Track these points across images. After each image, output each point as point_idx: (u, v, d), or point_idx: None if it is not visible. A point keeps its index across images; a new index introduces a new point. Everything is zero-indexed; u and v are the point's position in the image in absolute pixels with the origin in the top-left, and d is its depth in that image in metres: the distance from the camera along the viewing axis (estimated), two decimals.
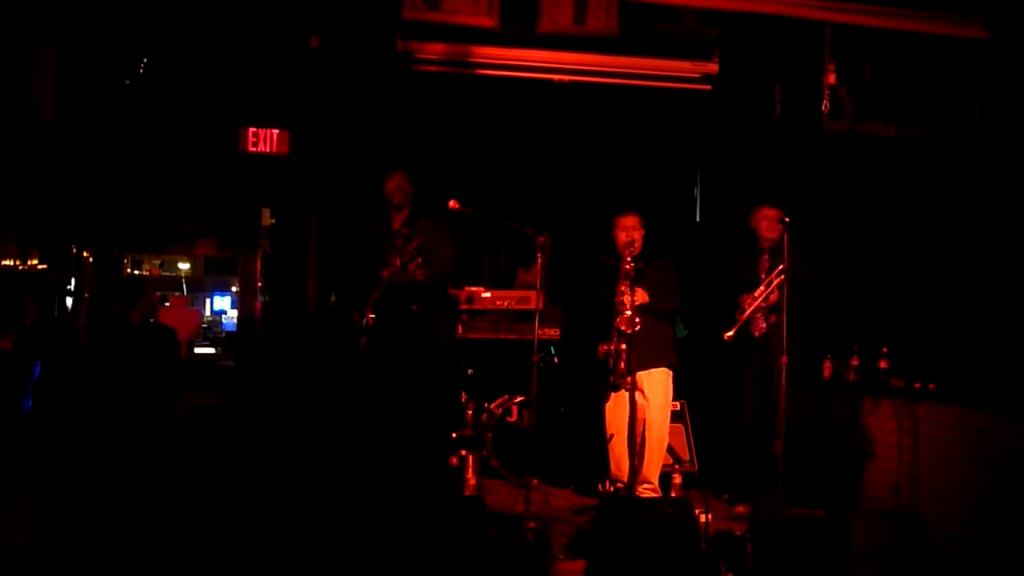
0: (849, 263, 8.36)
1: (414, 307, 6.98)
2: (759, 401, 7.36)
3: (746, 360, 7.41)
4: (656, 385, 7.17)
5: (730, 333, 7.16)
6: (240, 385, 9.89)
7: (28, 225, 9.37)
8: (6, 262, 12.02)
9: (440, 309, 7.32)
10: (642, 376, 7.01)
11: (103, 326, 8.72)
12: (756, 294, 7.22)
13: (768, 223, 7.38)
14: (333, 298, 8.93)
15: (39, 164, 8.47)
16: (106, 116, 8.66)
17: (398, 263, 6.77)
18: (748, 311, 7.23)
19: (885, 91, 8.05)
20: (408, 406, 6.95)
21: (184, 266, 32.97)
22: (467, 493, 7.24)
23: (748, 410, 7.42)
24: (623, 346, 6.72)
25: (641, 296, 6.89)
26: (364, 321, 6.93)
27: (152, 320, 7.66)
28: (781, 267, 7.06)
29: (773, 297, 7.17)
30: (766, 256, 7.39)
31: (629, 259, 6.89)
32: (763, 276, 7.29)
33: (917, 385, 7.45)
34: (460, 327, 8.20)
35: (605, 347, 6.98)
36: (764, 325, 7.30)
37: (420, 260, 6.68)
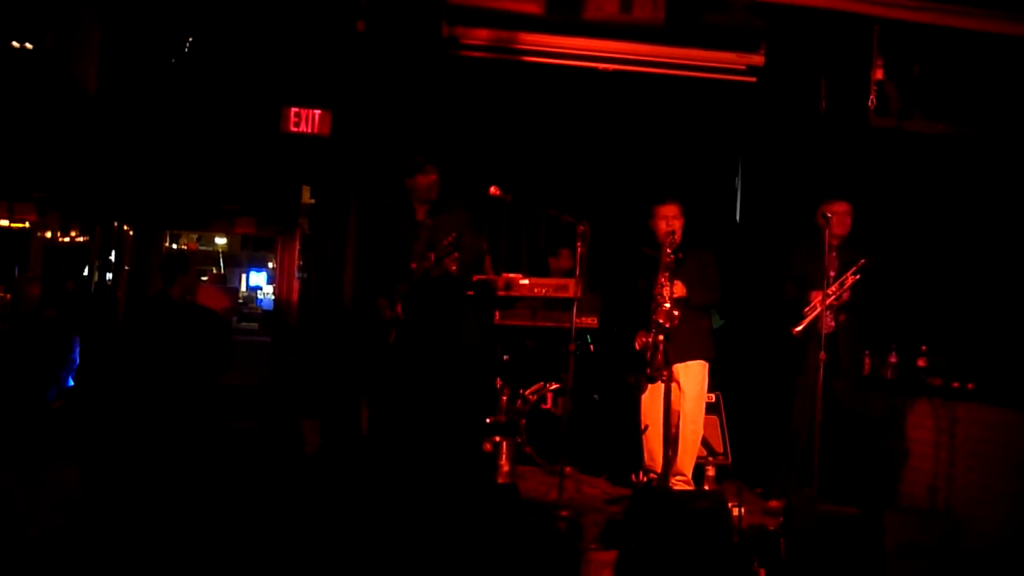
0: (892, 260, 8.29)
1: (440, 301, 6.95)
2: (816, 398, 7.24)
3: (807, 358, 7.28)
4: (692, 377, 7.14)
5: (799, 328, 7.04)
6: (276, 364, 9.95)
7: (71, 200, 9.46)
8: (47, 234, 12.13)
9: (467, 301, 7.31)
10: (678, 368, 6.99)
11: (143, 305, 8.76)
12: (830, 291, 7.07)
13: (839, 218, 7.22)
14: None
15: (82, 141, 8.54)
16: (150, 94, 8.71)
17: (432, 258, 6.71)
18: (819, 308, 7.09)
19: (933, 88, 7.99)
20: (441, 398, 6.95)
21: (221, 241, 33.13)
22: (500, 480, 7.26)
23: (804, 406, 7.29)
24: (660, 338, 6.70)
25: (680, 290, 6.86)
26: (394, 314, 6.93)
27: (189, 297, 7.69)
28: (858, 266, 7.00)
29: (845, 296, 7.08)
30: (835, 253, 7.27)
31: (669, 250, 6.85)
32: (832, 273, 7.14)
33: (956, 384, 7.38)
34: (497, 313, 8.22)
35: (643, 339, 6.96)
36: (833, 324, 7.15)
37: (457, 255, 6.65)
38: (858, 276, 7.00)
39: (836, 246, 7.24)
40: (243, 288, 34.01)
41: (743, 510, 6.15)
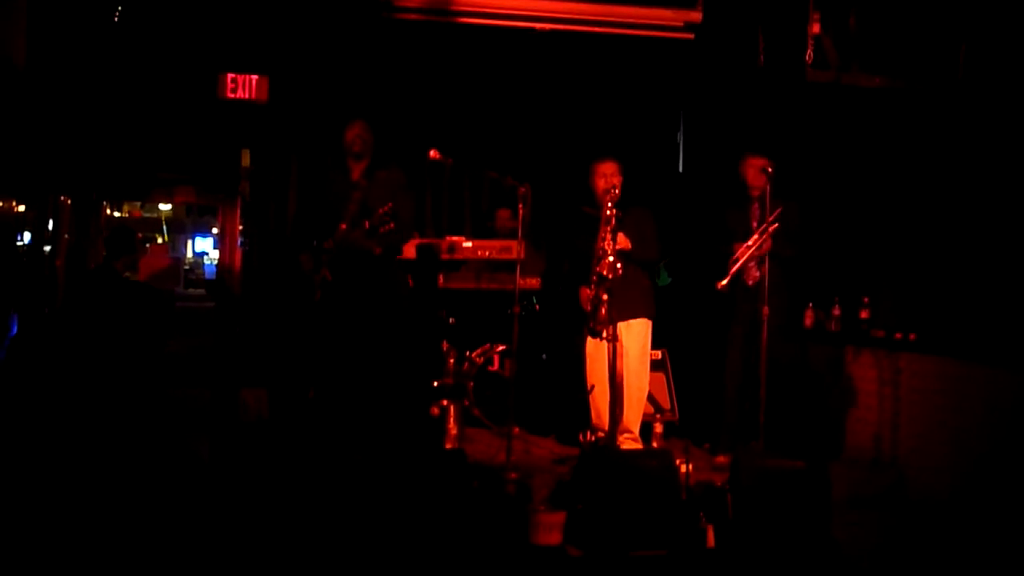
0: (831, 213, 8.34)
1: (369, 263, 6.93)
2: (747, 350, 7.34)
3: (737, 309, 7.37)
4: (635, 335, 7.16)
5: (724, 282, 7.11)
6: (220, 332, 9.85)
7: (5, 173, 9.29)
8: None
9: (398, 265, 7.27)
10: (621, 327, 6.98)
11: (84, 277, 8.65)
12: (750, 243, 7.13)
13: (755, 171, 7.31)
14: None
15: (13, 111, 8.38)
16: (82, 63, 8.55)
17: (367, 225, 6.68)
18: (742, 260, 7.16)
19: (870, 41, 8.00)
20: (371, 359, 6.93)
21: (165, 207, 32.77)
22: (448, 445, 7.27)
23: (734, 359, 7.40)
24: (604, 295, 6.69)
25: (623, 242, 6.86)
26: (320, 274, 6.87)
27: (130, 272, 7.63)
28: (776, 215, 7.04)
29: (767, 246, 7.12)
30: (756, 205, 7.33)
31: (610, 204, 6.85)
32: (755, 225, 7.23)
33: (898, 336, 7.47)
34: (441, 277, 8.20)
35: (587, 292, 6.96)
36: (758, 274, 7.18)
37: (392, 226, 6.62)
38: (777, 224, 7.05)
39: (757, 198, 7.31)
40: (189, 254, 33.74)
41: (691, 467, 6.18)
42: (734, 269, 7.17)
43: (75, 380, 7.04)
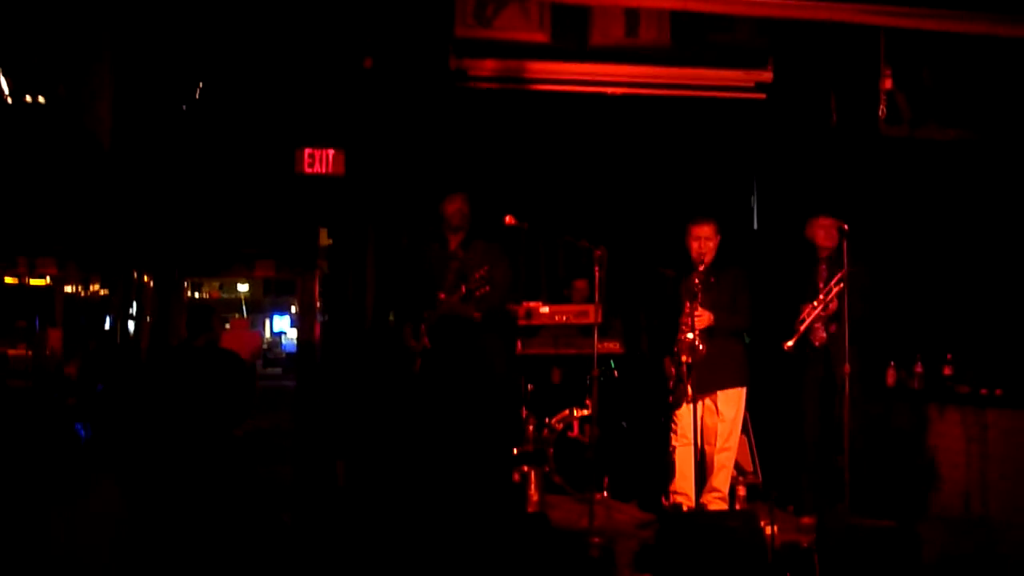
0: (910, 269, 8.26)
1: (468, 331, 6.99)
2: (821, 410, 7.26)
3: (807, 370, 7.32)
4: (731, 404, 7.14)
5: (790, 343, 7.07)
6: (302, 406, 9.93)
7: (89, 252, 9.49)
8: (68, 289, 12.20)
9: (496, 333, 7.32)
10: (718, 395, 7.05)
11: (165, 351, 8.79)
12: (816, 303, 7.12)
13: (824, 232, 7.29)
14: (392, 317, 8.94)
15: (99, 192, 8.59)
16: (164, 141, 8.76)
17: (464, 290, 6.77)
18: (807, 320, 7.13)
19: (944, 95, 7.96)
20: (467, 426, 6.96)
21: (243, 288, 33.28)
22: (530, 510, 7.24)
23: (810, 420, 7.32)
24: (685, 372, 6.71)
25: (705, 319, 6.85)
26: (420, 343, 6.97)
27: (213, 344, 7.70)
28: (840, 275, 6.99)
29: (832, 306, 7.07)
30: (824, 265, 7.30)
31: (700, 268, 6.86)
32: (821, 285, 7.20)
33: (984, 391, 7.35)
34: (519, 343, 8.20)
35: (670, 362, 6.95)
36: (824, 335, 7.19)
37: (488, 289, 6.70)
38: (841, 285, 6.97)
39: (825, 258, 7.27)
40: (267, 334, 34.15)
41: (775, 528, 6.09)
42: (801, 330, 7.12)
43: (160, 450, 7.12)
